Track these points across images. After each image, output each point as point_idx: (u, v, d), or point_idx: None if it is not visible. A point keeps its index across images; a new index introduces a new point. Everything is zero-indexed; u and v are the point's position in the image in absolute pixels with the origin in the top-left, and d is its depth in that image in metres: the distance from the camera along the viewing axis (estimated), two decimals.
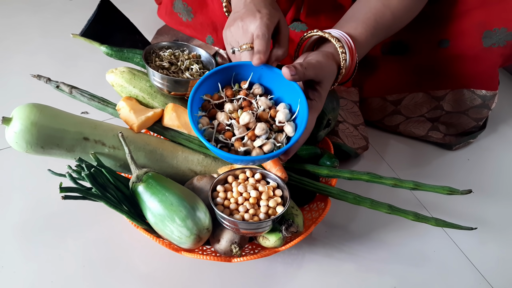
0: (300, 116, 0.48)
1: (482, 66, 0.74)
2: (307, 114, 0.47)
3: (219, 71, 0.50)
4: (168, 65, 0.60)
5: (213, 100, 0.49)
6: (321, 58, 0.51)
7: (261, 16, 0.51)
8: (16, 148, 0.53)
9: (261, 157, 0.46)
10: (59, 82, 0.62)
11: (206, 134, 0.47)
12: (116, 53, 0.66)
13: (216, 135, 0.47)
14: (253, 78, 0.51)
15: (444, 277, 0.61)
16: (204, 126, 0.47)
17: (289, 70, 0.46)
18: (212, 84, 0.50)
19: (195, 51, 0.65)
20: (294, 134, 0.47)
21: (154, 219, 0.52)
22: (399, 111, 0.81)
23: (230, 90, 0.50)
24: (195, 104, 0.48)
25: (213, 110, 0.49)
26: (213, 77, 0.50)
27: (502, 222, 0.70)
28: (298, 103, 0.49)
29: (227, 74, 0.51)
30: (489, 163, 0.82)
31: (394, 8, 0.60)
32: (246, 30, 0.52)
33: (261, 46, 0.50)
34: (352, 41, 0.55)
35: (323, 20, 0.79)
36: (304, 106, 0.47)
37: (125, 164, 0.58)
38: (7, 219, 0.64)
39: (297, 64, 0.47)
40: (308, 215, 0.63)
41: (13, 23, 1.08)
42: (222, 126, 0.47)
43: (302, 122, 0.47)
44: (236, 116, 0.48)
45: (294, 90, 0.49)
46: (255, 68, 0.51)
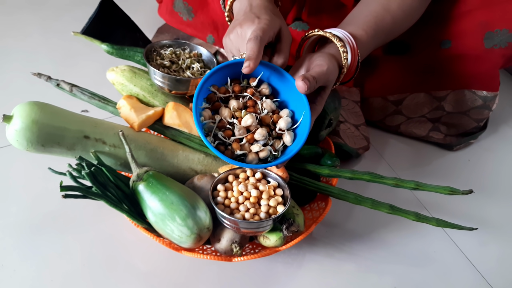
0: (301, 128, 0.48)
1: (484, 67, 0.74)
2: (309, 129, 0.47)
3: (231, 65, 0.49)
4: (169, 63, 0.60)
5: (220, 93, 0.49)
6: (328, 63, 0.50)
7: (259, 21, 0.50)
8: (16, 146, 0.53)
9: (255, 166, 0.46)
10: (60, 80, 0.62)
11: (206, 127, 0.47)
12: (117, 51, 0.65)
13: (215, 131, 0.47)
14: (262, 76, 0.51)
15: (444, 277, 0.61)
16: (206, 119, 0.47)
17: (305, 85, 0.45)
18: (221, 77, 0.49)
19: (196, 49, 0.65)
20: (292, 144, 0.47)
21: (155, 218, 0.52)
22: (400, 111, 0.81)
23: (238, 86, 0.49)
24: (201, 94, 0.47)
25: (218, 103, 0.49)
26: (223, 70, 0.49)
27: (502, 223, 0.70)
28: (301, 111, 0.49)
29: (237, 69, 0.50)
30: (490, 163, 0.82)
31: (394, 12, 0.61)
32: (245, 37, 0.51)
33: (251, 50, 0.47)
34: (354, 40, 0.55)
35: (325, 20, 0.79)
36: (307, 120, 0.47)
37: (126, 163, 0.58)
38: (7, 217, 0.64)
39: (311, 78, 0.46)
40: (309, 214, 0.63)
41: (13, 21, 1.08)
42: (223, 123, 0.47)
43: (303, 136, 0.47)
44: (239, 115, 0.48)
45: (301, 100, 0.49)
46: (268, 66, 0.50)
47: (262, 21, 0.50)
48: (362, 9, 0.61)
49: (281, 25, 0.52)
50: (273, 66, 0.50)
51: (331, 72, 0.51)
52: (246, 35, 0.50)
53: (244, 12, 0.53)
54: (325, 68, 0.49)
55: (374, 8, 0.60)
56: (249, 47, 0.47)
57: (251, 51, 0.47)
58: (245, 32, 0.51)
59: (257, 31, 0.48)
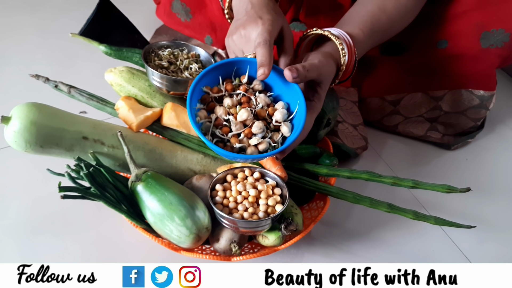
0: (297, 118, 0.48)
1: (480, 66, 0.74)
2: (305, 116, 0.47)
3: (222, 65, 0.49)
4: (167, 64, 0.60)
5: (213, 93, 0.49)
6: (322, 58, 0.51)
7: (263, 22, 0.49)
8: (15, 147, 0.53)
9: (256, 156, 0.46)
10: (58, 82, 0.62)
11: (203, 127, 0.47)
12: (115, 53, 0.66)
13: (213, 129, 0.47)
14: (253, 73, 0.51)
15: None
16: (202, 119, 0.47)
17: (291, 73, 0.45)
18: (213, 77, 0.49)
19: (194, 50, 0.65)
20: (290, 134, 0.48)
21: (153, 219, 0.52)
22: (398, 111, 0.82)
23: (230, 85, 0.50)
24: (195, 96, 0.48)
25: (212, 103, 0.49)
26: (215, 70, 0.49)
27: (500, 221, 0.70)
28: (296, 102, 0.49)
29: (229, 68, 0.50)
30: (487, 162, 0.82)
31: (390, 12, 0.61)
32: (249, 39, 0.50)
33: (264, 56, 0.46)
34: (351, 39, 0.55)
35: (322, 20, 0.79)
36: (303, 108, 0.47)
37: (124, 164, 0.58)
38: (6, 218, 0.64)
39: (299, 66, 0.46)
40: (308, 214, 0.63)
41: (11, 23, 1.08)
42: (220, 120, 0.47)
43: (299, 124, 0.47)
44: (234, 112, 0.48)
45: (294, 90, 0.49)
46: (256, 63, 0.50)
47: (266, 22, 0.49)
48: (359, 9, 0.62)
49: (282, 24, 0.52)
50: None
51: (324, 65, 0.50)
52: (250, 36, 0.50)
53: (245, 11, 0.53)
54: (316, 61, 0.49)
55: (370, 8, 0.61)
56: (260, 53, 0.47)
57: (263, 57, 0.47)
58: (249, 34, 0.50)
59: (264, 35, 0.48)
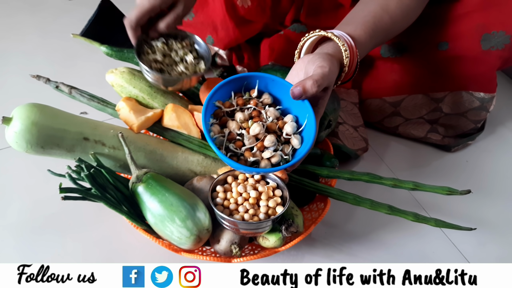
0: (307, 131, 0.49)
1: (481, 68, 0.74)
2: (315, 130, 0.48)
3: (233, 81, 0.51)
4: (162, 57, 0.59)
5: (225, 108, 0.50)
6: (329, 64, 0.51)
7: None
8: (16, 148, 0.53)
9: (270, 170, 0.47)
10: (59, 83, 0.62)
11: (217, 142, 0.48)
12: (116, 53, 0.66)
13: (226, 144, 0.48)
14: (261, 86, 0.52)
15: None
16: (215, 134, 0.48)
17: (296, 93, 0.46)
18: (224, 92, 0.51)
19: (187, 37, 0.62)
20: (301, 146, 0.48)
21: (154, 220, 0.52)
22: (398, 112, 0.82)
23: (241, 99, 0.51)
24: (208, 111, 0.49)
25: (224, 118, 0.50)
26: (226, 86, 0.50)
27: (500, 223, 0.70)
28: (305, 114, 0.49)
29: (239, 83, 0.51)
30: (488, 164, 0.82)
31: (392, 12, 0.61)
32: None
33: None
34: (352, 40, 0.55)
35: (323, 21, 0.79)
36: (312, 122, 0.48)
37: (125, 165, 0.58)
38: (7, 219, 0.64)
39: (308, 84, 0.47)
40: (308, 215, 0.63)
41: (12, 23, 1.08)
42: (233, 135, 0.48)
43: (310, 138, 0.47)
44: (246, 126, 0.49)
45: (302, 103, 0.49)
46: (265, 78, 0.51)
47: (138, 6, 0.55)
48: (361, 9, 0.62)
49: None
50: (271, 77, 0.51)
51: (333, 72, 0.51)
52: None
53: None
54: (327, 70, 0.49)
55: (372, 8, 0.60)
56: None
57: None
58: None
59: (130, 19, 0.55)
